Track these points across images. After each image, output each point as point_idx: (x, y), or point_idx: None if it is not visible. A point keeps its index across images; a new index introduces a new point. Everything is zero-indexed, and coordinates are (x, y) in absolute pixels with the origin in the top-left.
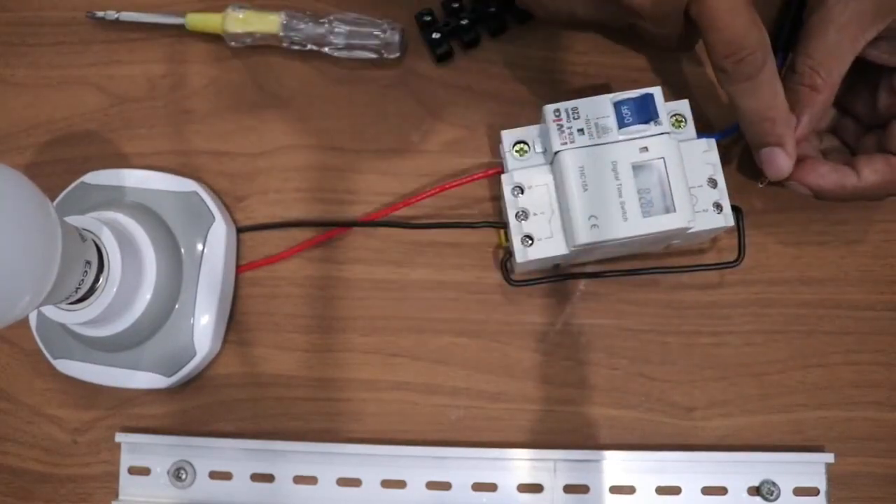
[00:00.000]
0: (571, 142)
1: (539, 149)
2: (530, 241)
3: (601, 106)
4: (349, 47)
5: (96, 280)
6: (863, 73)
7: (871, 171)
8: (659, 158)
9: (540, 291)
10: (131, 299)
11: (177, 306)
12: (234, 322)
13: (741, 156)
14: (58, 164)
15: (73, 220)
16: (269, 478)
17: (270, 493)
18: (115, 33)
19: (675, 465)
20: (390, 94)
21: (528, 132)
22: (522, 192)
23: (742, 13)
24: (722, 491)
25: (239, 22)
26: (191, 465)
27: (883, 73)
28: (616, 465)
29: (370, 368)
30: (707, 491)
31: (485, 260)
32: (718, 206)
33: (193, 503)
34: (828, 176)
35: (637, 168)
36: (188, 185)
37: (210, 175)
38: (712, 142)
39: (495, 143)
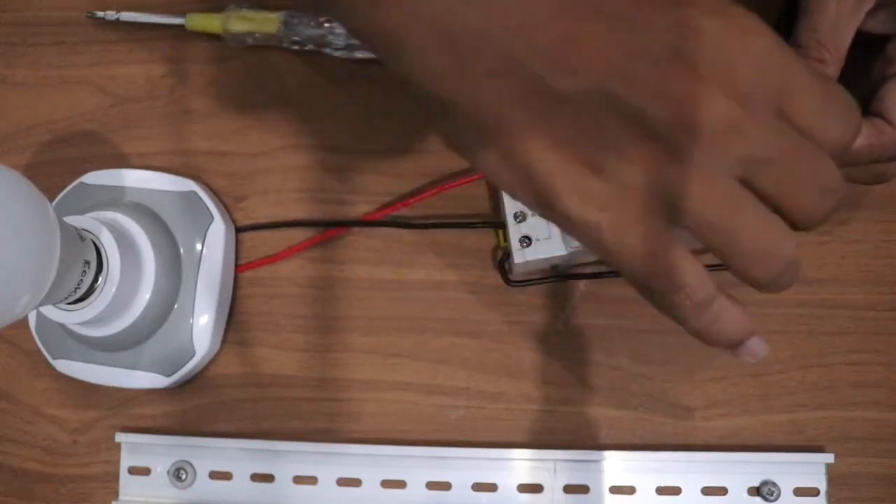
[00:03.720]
0: None
1: None
2: (528, 242)
3: None
4: (349, 47)
5: (95, 280)
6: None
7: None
8: None
9: (540, 292)
10: (130, 299)
11: (176, 306)
12: (233, 322)
13: None
14: (57, 164)
15: (72, 220)
16: (269, 478)
17: (270, 493)
18: (115, 33)
19: (675, 465)
20: (390, 94)
21: None
22: None
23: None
24: (722, 491)
25: (239, 22)
26: (191, 465)
27: (875, 43)
28: (616, 466)
29: (370, 368)
30: (707, 491)
31: (485, 260)
32: None
33: (193, 503)
34: None
35: None
36: (187, 184)
37: (210, 175)
38: None
39: None
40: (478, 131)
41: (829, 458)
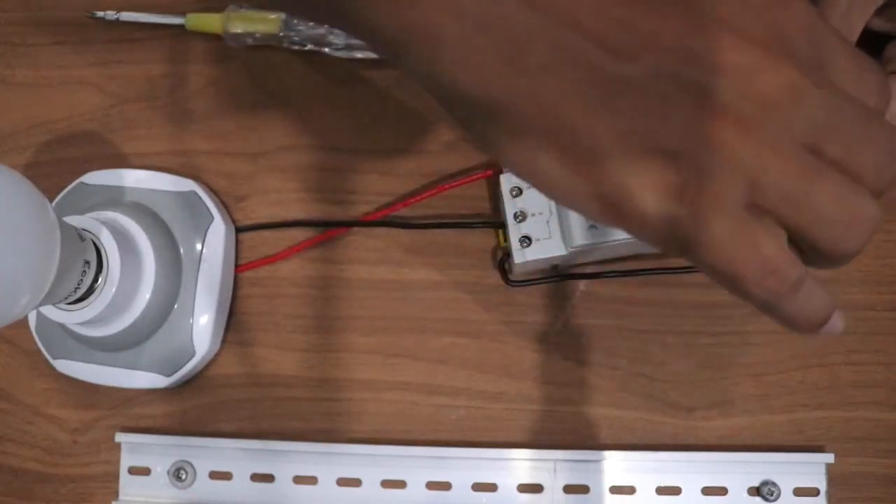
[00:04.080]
0: None
1: None
2: (528, 242)
3: None
4: (349, 47)
5: (95, 280)
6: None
7: None
8: None
9: (540, 291)
10: (130, 299)
11: (176, 306)
12: (233, 322)
13: None
14: (58, 164)
15: (72, 220)
16: (269, 478)
17: (270, 493)
18: (115, 33)
19: (675, 465)
20: (390, 94)
21: None
22: (521, 193)
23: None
24: (722, 491)
25: (239, 22)
26: (191, 465)
27: (878, 42)
28: (616, 466)
29: (370, 368)
30: (707, 491)
31: (485, 260)
32: None
33: (193, 503)
34: None
35: None
36: (186, 184)
37: (210, 175)
38: None
39: None
40: (531, 134)
41: (829, 458)
